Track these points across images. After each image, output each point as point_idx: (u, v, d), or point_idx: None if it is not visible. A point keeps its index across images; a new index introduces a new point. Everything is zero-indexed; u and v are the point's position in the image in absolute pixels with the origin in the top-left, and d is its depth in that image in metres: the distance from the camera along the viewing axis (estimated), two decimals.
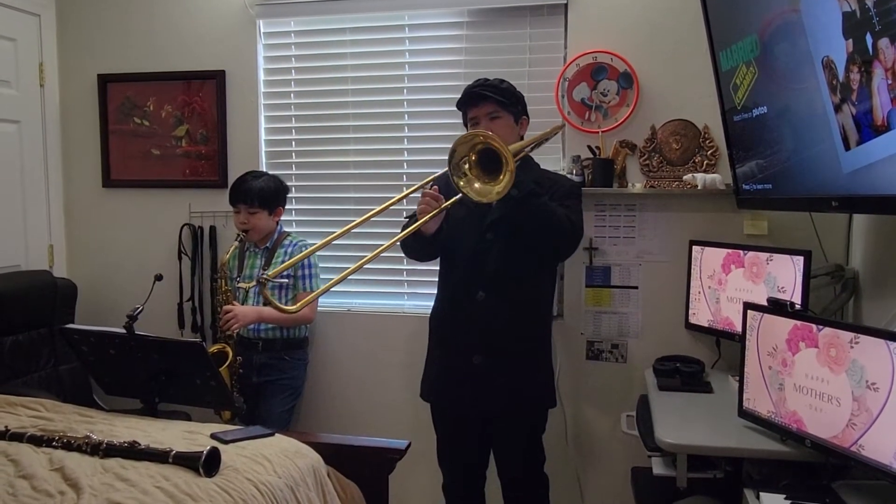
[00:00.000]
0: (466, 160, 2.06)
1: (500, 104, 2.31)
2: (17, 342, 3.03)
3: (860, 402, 1.63)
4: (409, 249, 2.41)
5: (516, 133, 2.38)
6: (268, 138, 3.32)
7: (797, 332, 1.82)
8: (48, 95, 3.42)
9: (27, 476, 1.67)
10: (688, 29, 2.71)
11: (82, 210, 3.53)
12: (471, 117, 2.35)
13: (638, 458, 2.62)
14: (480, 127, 2.30)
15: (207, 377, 2.17)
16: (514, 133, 2.36)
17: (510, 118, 2.34)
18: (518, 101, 2.38)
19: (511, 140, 2.31)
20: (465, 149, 2.05)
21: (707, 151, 2.78)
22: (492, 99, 2.30)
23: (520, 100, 2.40)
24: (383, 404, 3.19)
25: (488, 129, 2.27)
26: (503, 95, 2.32)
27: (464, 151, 2.06)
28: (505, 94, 2.32)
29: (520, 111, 2.39)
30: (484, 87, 2.33)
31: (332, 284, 1.98)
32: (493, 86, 2.33)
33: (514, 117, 2.36)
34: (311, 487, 1.86)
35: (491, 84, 2.34)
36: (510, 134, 2.32)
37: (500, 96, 2.31)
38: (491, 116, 2.31)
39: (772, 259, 2.40)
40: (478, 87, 2.33)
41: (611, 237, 2.92)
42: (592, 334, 2.97)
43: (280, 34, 3.28)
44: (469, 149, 2.05)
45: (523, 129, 2.42)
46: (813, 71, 1.88)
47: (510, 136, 2.31)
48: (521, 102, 2.40)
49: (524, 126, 2.42)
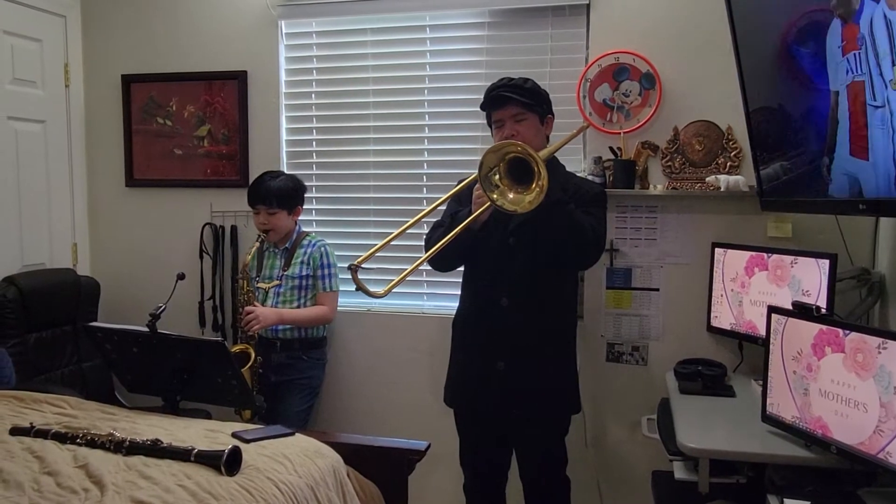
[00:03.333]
0: (496, 170, 2.04)
1: (524, 105, 2.27)
2: (42, 339, 3.07)
3: (888, 408, 1.60)
4: (441, 260, 2.33)
5: (542, 133, 2.36)
6: (289, 138, 3.33)
7: (823, 336, 1.79)
8: (73, 96, 3.47)
9: (52, 473, 1.69)
10: (710, 29, 2.68)
11: (105, 209, 3.57)
12: (495, 119, 2.33)
13: (658, 461, 2.60)
14: (506, 129, 2.28)
15: (229, 376, 2.19)
16: (541, 134, 2.34)
17: (536, 119, 2.31)
18: (543, 100, 2.35)
19: (538, 141, 2.30)
20: (495, 159, 2.03)
21: (730, 153, 2.75)
22: (516, 101, 2.27)
23: (545, 98, 2.36)
24: (402, 405, 3.19)
25: (514, 130, 2.27)
26: (528, 96, 2.28)
27: (493, 162, 2.03)
28: (530, 95, 2.29)
29: (545, 110, 2.35)
30: (507, 88, 2.29)
31: (411, 270, 2.08)
32: (517, 86, 2.29)
33: (539, 118, 2.33)
34: (331, 487, 1.86)
35: (514, 84, 2.30)
36: (536, 135, 2.31)
37: (524, 97, 2.27)
38: (517, 119, 2.28)
39: (796, 262, 2.37)
40: (501, 89, 2.30)
41: (632, 239, 2.89)
42: (613, 336, 2.95)
43: (302, 35, 3.29)
44: (498, 159, 2.03)
45: (549, 128, 2.40)
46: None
47: (537, 138, 2.30)
48: (546, 101, 2.36)
49: (550, 125, 2.40)
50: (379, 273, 3.01)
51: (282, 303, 2.91)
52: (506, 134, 2.28)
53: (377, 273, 3.02)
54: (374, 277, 3.04)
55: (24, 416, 2.07)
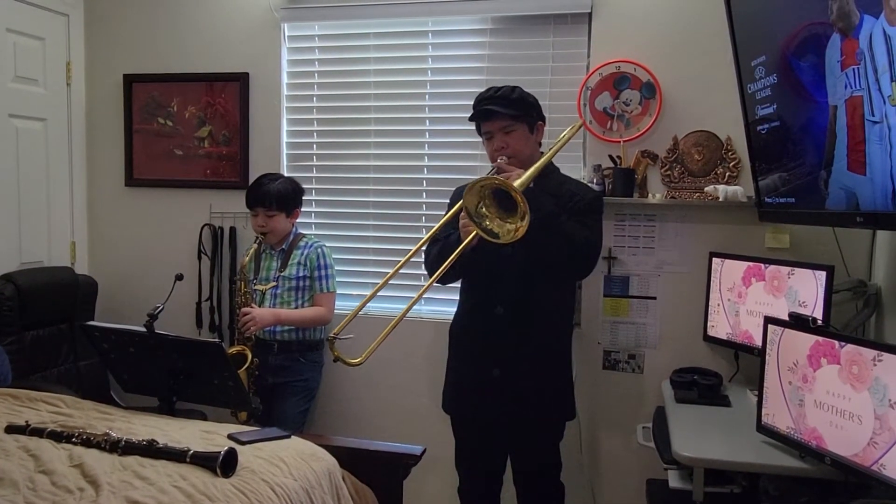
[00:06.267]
0: (482, 204, 2.06)
1: (511, 117, 2.27)
2: (38, 337, 3.07)
3: (882, 420, 1.61)
4: (440, 278, 2.34)
5: (533, 141, 2.35)
6: (289, 141, 3.34)
7: (819, 347, 1.80)
8: (74, 94, 3.47)
9: (47, 472, 1.69)
10: (712, 40, 2.69)
11: (105, 208, 3.57)
12: (485, 131, 2.34)
13: (653, 469, 2.61)
14: (495, 141, 2.29)
15: (225, 377, 2.19)
16: (531, 142, 2.34)
17: (524, 128, 2.31)
18: (531, 107, 2.33)
19: (528, 150, 2.31)
20: (476, 198, 2.05)
21: (729, 163, 2.76)
22: (502, 114, 2.27)
23: (533, 106, 2.34)
24: (398, 409, 3.19)
25: (503, 142, 2.28)
26: (514, 107, 2.27)
27: (475, 201, 2.05)
28: (516, 105, 2.28)
29: (534, 118, 2.34)
30: (493, 100, 2.29)
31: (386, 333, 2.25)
32: (504, 97, 2.28)
33: (528, 126, 2.32)
34: (326, 490, 1.86)
35: (501, 95, 2.29)
36: (526, 145, 2.31)
37: (511, 109, 2.27)
38: (505, 130, 2.28)
39: (793, 273, 2.37)
40: (487, 101, 2.29)
41: (630, 247, 2.90)
42: (609, 344, 2.95)
43: (304, 38, 3.30)
44: (479, 196, 2.05)
45: (540, 135, 2.39)
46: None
47: (526, 147, 2.30)
48: (535, 109, 2.35)
49: (540, 132, 2.39)
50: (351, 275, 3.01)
51: (279, 304, 2.92)
52: (495, 146, 2.30)
53: (370, 276, 3.02)
54: (349, 280, 3.07)
55: (19, 415, 2.07)
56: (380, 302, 3.24)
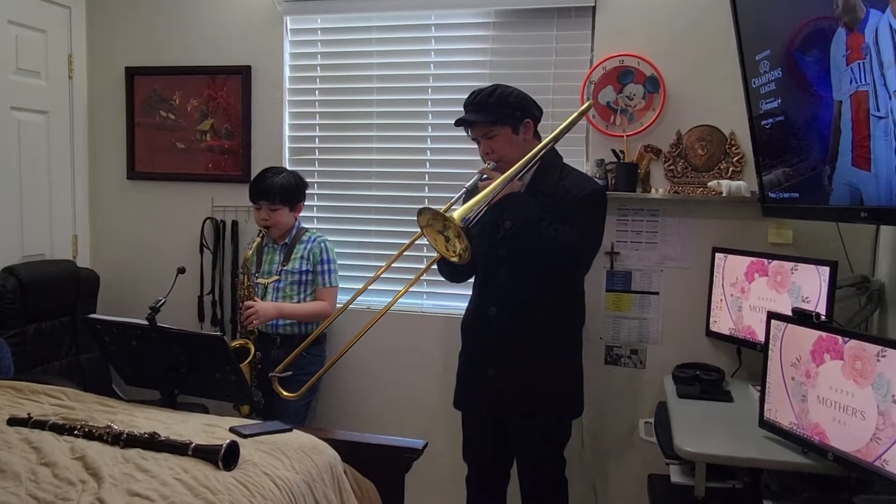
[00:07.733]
0: (445, 233, 2.03)
1: (490, 123, 2.24)
2: (40, 330, 3.07)
3: (885, 416, 1.61)
4: (447, 277, 2.50)
5: (519, 142, 2.28)
6: (291, 134, 3.33)
7: (822, 343, 1.80)
8: (76, 87, 3.46)
9: (49, 464, 1.69)
10: (716, 34, 2.68)
11: (107, 201, 3.57)
12: (471, 136, 2.33)
13: (655, 465, 2.60)
14: (481, 146, 2.29)
15: (227, 371, 2.19)
16: (515, 143, 2.27)
17: (507, 130, 2.25)
18: (514, 107, 2.26)
19: (514, 151, 2.25)
20: (440, 239, 2.04)
21: (733, 158, 2.75)
22: (480, 123, 2.25)
23: (516, 104, 2.26)
24: (400, 403, 3.19)
25: (488, 148, 2.27)
26: (490, 112, 2.23)
27: (439, 239, 2.04)
28: (494, 110, 2.24)
29: (518, 117, 2.26)
30: (470, 108, 2.27)
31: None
32: (480, 103, 2.25)
33: (511, 128, 2.26)
34: (327, 484, 1.86)
35: (477, 101, 2.26)
36: (511, 146, 2.26)
37: (489, 115, 2.23)
38: (487, 136, 2.26)
39: (796, 268, 2.37)
40: (465, 109, 2.28)
41: (633, 242, 2.90)
42: (612, 339, 2.95)
43: (306, 31, 3.29)
44: (438, 232, 2.04)
45: (528, 132, 2.31)
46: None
47: (512, 149, 2.26)
48: (518, 107, 2.26)
49: (529, 129, 2.31)
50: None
51: (281, 298, 2.92)
52: (481, 151, 2.31)
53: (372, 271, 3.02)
54: (351, 274, 3.06)
55: (21, 407, 2.07)
56: (383, 296, 3.24)
